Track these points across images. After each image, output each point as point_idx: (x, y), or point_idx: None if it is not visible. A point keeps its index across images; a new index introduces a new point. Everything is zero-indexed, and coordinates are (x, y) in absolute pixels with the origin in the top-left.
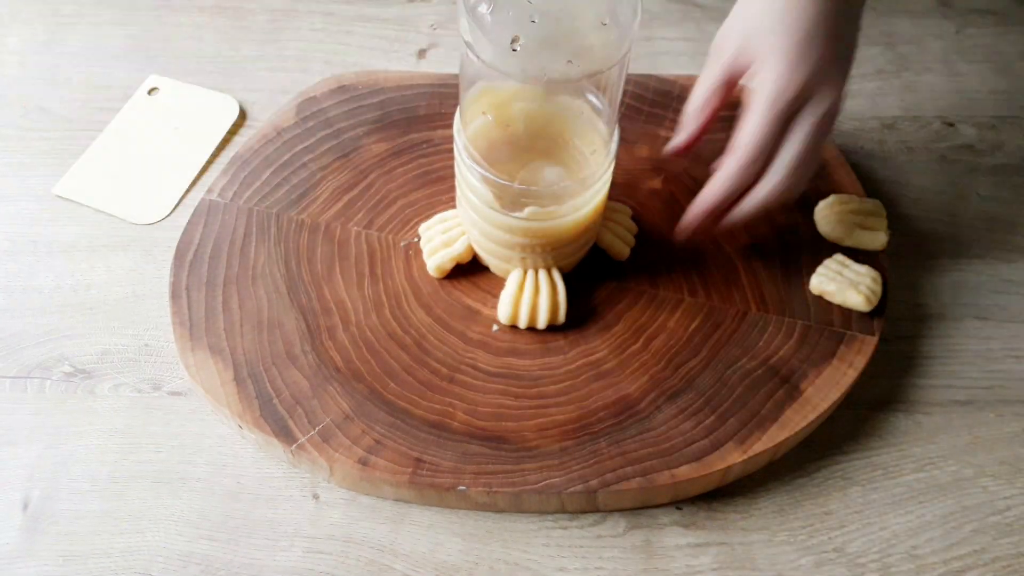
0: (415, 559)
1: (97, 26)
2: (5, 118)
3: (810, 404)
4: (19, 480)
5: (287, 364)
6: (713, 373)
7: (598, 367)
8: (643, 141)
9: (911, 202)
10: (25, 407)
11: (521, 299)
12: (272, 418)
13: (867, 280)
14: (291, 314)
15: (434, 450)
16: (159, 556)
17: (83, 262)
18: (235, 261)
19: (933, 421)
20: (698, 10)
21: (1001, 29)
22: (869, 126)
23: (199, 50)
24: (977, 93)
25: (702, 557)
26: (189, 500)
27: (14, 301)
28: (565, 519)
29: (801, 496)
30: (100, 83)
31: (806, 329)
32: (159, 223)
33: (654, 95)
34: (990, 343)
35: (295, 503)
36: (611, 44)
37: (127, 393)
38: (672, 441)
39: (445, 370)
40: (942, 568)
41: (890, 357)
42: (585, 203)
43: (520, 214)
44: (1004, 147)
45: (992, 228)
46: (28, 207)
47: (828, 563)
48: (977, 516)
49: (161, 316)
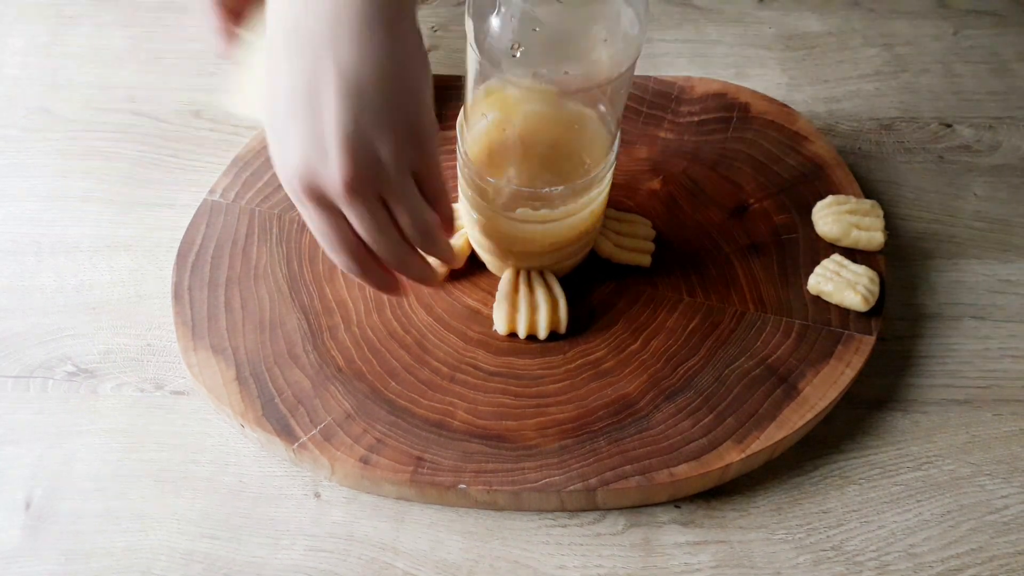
0: (416, 557)
1: (99, 27)
2: (7, 119)
3: (808, 403)
4: (22, 479)
5: (289, 363)
6: (712, 372)
7: (597, 366)
8: (642, 142)
9: (908, 202)
10: (28, 406)
11: (517, 316)
12: (274, 417)
13: (865, 280)
14: (293, 314)
15: (435, 449)
16: (161, 555)
17: (86, 262)
18: (237, 261)
19: (931, 420)
20: (696, 12)
21: (999, 30)
22: (867, 127)
23: (201, 51)
24: (975, 94)
25: (701, 555)
26: (191, 499)
27: (17, 301)
28: (565, 517)
29: (799, 495)
30: (102, 84)
31: (804, 329)
32: (160, 223)
33: (652, 96)
34: (987, 343)
35: (297, 502)
36: (612, 58)
37: (129, 393)
38: (671, 440)
39: (446, 369)
40: (940, 566)
41: (888, 357)
42: (580, 208)
43: (512, 214)
44: (1001, 148)
45: (989, 228)
46: (31, 207)
47: (826, 561)
48: (975, 515)
49: (163, 316)
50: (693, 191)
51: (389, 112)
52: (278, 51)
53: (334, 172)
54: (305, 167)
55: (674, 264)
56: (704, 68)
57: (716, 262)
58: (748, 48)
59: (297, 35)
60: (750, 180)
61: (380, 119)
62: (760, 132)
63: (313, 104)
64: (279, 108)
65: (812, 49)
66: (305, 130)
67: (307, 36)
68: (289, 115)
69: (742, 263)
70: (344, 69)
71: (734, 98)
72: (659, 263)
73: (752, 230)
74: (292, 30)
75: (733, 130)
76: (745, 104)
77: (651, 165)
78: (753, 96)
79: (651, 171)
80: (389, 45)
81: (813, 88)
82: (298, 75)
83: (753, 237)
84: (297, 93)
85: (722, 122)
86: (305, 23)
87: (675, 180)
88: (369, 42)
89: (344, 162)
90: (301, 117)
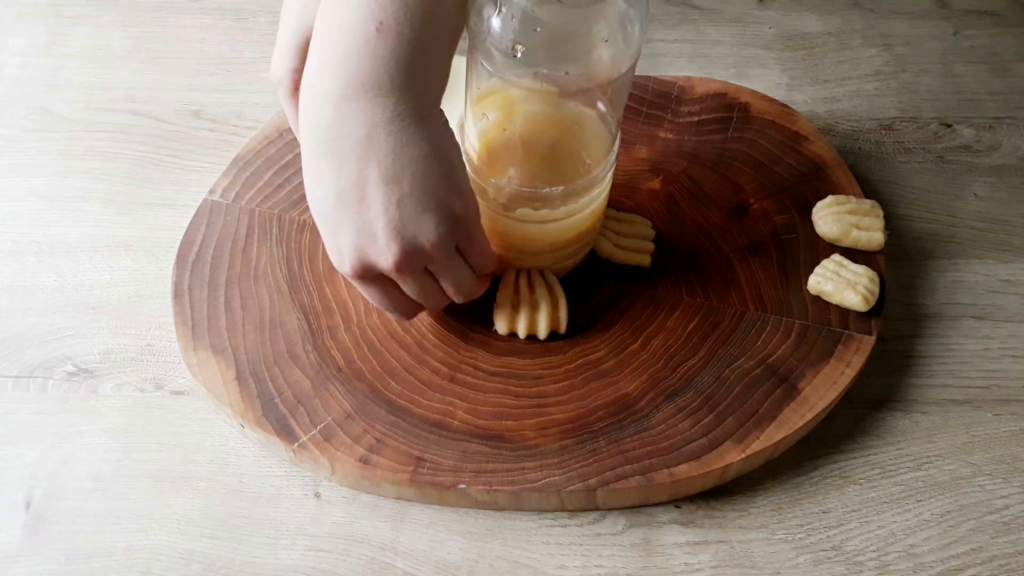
0: (416, 557)
1: (99, 27)
2: (7, 119)
3: (808, 403)
4: (21, 479)
5: (289, 363)
6: (712, 372)
7: (597, 366)
8: (642, 142)
9: (908, 202)
10: (28, 406)
11: (517, 316)
12: (274, 417)
13: (865, 280)
14: (293, 314)
15: (435, 449)
16: (161, 555)
17: (86, 262)
18: (237, 261)
19: (931, 420)
20: (696, 12)
21: (999, 30)
22: (867, 127)
23: (201, 51)
24: (974, 94)
25: (701, 555)
26: (191, 499)
27: (17, 301)
28: (565, 517)
29: (799, 495)
30: (102, 84)
31: (804, 329)
32: (160, 223)
33: (653, 96)
34: (987, 343)
35: (296, 502)
36: (613, 58)
37: (129, 392)
38: (671, 440)
39: (446, 369)
40: (940, 566)
41: (888, 357)
42: (580, 208)
43: (512, 214)
44: (1001, 148)
45: (989, 228)
46: (31, 207)
47: (826, 561)
48: (975, 515)
49: (163, 316)
50: (693, 191)
51: (428, 199)
52: (319, 158)
53: (384, 254)
54: (358, 252)
55: (674, 264)
56: (704, 68)
57: (716, 262)
58: (748, 48)
59: (337, 143)
60: (750, 180)
61: (421, 205)
62: (760, 132)
63: (360, 199)
64: (328, 205)
65: (812, 49)
66: (355, 220)
67: (346, 143)
68: (339, 209)
69: (742, 263)
70: (385, 168)
71: (734, 98)
72: (659, 263)
73: (752, 230)
74: (330, 139)
75: (733, 130)
76: (745, 104)
77: (651, 165)
78: (753, 96)
79: (651, 171)
80: (421, 139)
81: (813, 88)
82: (344, 178)
83: (753, 237)
84: (345, 193)
85: (722, 122)
86: (340, 130)
87: (675, 180)
88: (403, 140)
89: (392, 246)
90: (350, 210)
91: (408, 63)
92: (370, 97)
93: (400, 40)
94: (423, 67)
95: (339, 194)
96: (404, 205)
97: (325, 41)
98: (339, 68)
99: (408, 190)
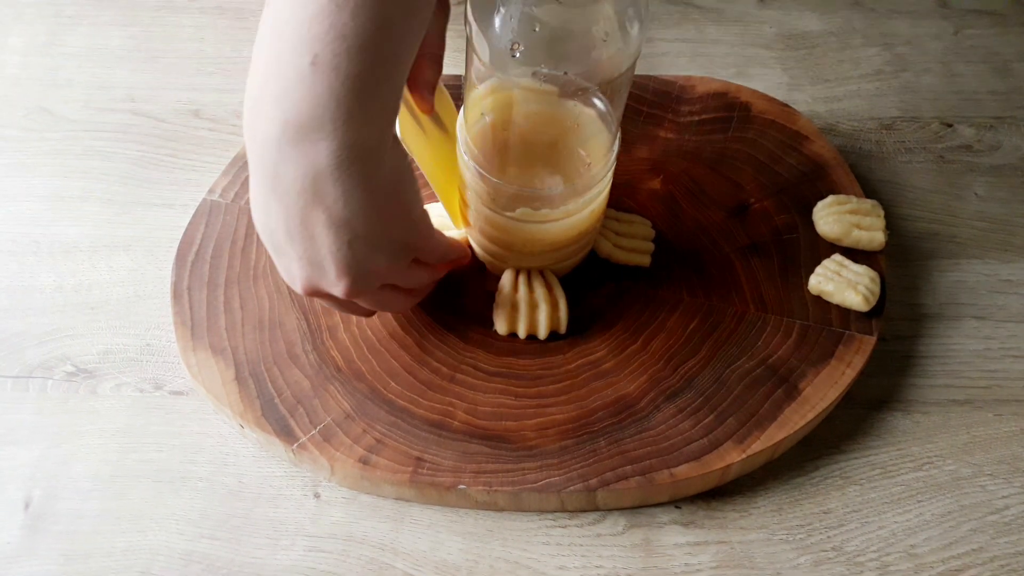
0: (416, 558)
1: (98, 27)
2: (7, 118)
3: (809, 403)
4: (21, 479)
5: (288, 364)
6: (712, 373)
7: (597, 366)
8: (642, 142)
9: (909, 202)
10: (27, 407)
11: (517, 317)
12: (273, 417)
13: (865, 280)
14: (292, 314)
15: (434, 449)
16: (160, 555)
17: (85, 262)
18: (236, 261)
19: (931, 420)
20: (696, 11)
21: (999, 30)
22: (867, 127)
23: (200, 51)
24: (975, 94)
25: (701, 556)
26: (190, 499)
27: (16, 301)
28: (565, 518)
29: (800, 495)
30: (101, 84)
31: (805, 329)
32: (159, 223)
33: (653, 96)
34: (988, 343)
35: (296, 502)
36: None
37: (129, 393)
38: (671, 440)
39: (446, 369)
40: (940, 567)
41: (888, 357)
42: (580, 208)
43: (512, 213)
44: (1002, 147)
45: (990, 228)
46: (30, 207)
47: (826, 562)
48: (975, 515)
49: (163, 316)
50: (693, 191)
51: (380, 239)
52: (267, 192)
53: (336, 286)
54: (308, 281)
55: (674, 264)
56: (705, 68)
57: (716, 262)
58: (749, 48)
59: (282, 183)
60: (750, 180)
61: (372, 245)
62: (761, 132)
63: (310, 238)
64: (278, 236)
65: (813, 49)
66: (304, 254)
67: (292, 186)
68: (289, 242)
69: (742, 263)
70: (334, 214)
71: (735, 98)
72: (659, 263)
73: (752, 230)
74: (276, 177)
75: (733, 130)
76: (746, 104)
77: (651, 165)
78: (754, 96)
79: (651, 171)
80: (369, 182)
81: (814, 88)
82: (293, 218)
83: (753, 237)
84: (294, 231)
85: (723, 122)
86: (286, 172)
87: (675, 180)
88: (351, 187)
89: (343, 279)
90: (300, 245)
91: (349, 100)
92: (313, 140)
93: (338, 75)
94: (365, 103)
95: (288, 230)
96: (355, 246)
97: (255, 76)
98: (274, 107)
99: (360, 233)
